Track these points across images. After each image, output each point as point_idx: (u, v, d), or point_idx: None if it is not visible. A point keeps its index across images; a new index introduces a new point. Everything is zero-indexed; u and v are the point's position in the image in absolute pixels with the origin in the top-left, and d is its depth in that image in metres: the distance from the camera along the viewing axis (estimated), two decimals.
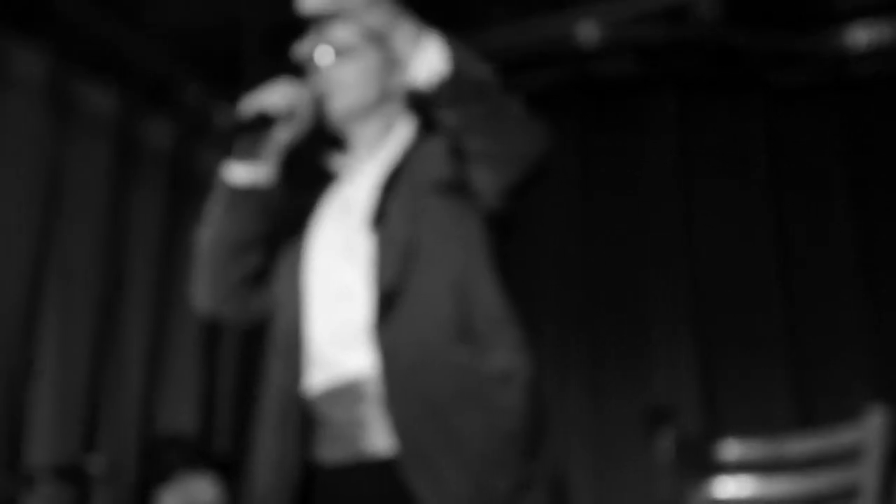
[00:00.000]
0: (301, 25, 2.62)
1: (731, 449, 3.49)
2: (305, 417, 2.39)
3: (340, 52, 2.55)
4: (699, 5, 5.34)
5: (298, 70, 2.65)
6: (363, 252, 2.40)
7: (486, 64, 2.28)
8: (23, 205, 4.57)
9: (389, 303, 2.31)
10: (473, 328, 2.31)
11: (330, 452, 2.36)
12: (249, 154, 2.53)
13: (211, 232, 2.60)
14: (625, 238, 5.56)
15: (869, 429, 3.28)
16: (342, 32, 2.55)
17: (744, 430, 4.86)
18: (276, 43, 5.73)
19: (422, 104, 2.45)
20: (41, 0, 4.75)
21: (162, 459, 4.46)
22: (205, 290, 2.61)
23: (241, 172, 2.55)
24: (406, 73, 2.26)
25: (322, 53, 2.55)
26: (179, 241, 5.28)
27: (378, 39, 2.44)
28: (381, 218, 2.39)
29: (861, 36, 5.35)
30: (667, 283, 5.44)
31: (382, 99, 2.58)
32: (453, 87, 2.21)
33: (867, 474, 3.27)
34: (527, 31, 5.60)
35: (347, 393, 2.35)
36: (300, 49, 2.61)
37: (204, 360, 5.32)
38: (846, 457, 3.33)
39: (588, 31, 5.48)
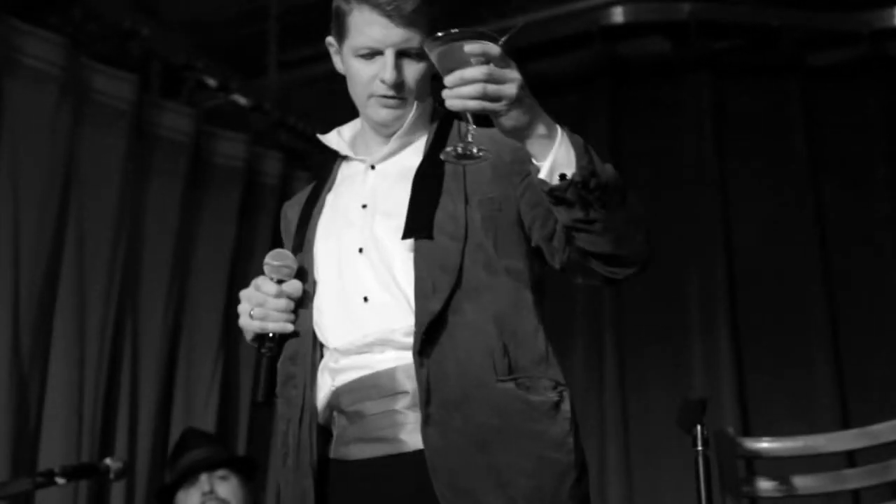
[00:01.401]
0: (320, 12, 2.52)
1: (769, 444, 3.43)
2: (327, 417, 2.34)
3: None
4: None
5: (314, 62, 2.53)
6: (394, 261, 2.32)
7: (609, 165, 2.16)
8: (39, 194, 4.50)
9: (434, 330, 2.23)
10: (517, 363, 2.25)
11: (361, 449, 2.30)
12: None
13: None
14: (658, 226, 5.41)
15: None
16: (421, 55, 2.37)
17: (782, 425, 4.77)
18: (295, 30, 5.74)
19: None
20: None
21: (184, 459, 4.39)
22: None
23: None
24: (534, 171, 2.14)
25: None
26: (197, 233, 5.22)
27: None
28: (423, 230, 2.30)
29: None
30: (703, 273, 5.35)
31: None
32: (579, 189, 2.09)
33: None
34: (555, 12, 5.52)
35: (378, 386, 2.29)
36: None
37: (223, 358, 5.22)
38: (886, 453, 3.27)
39: (618, 12, 5.40)
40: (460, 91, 2.04)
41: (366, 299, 2.32)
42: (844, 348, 5.10)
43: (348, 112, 2.58)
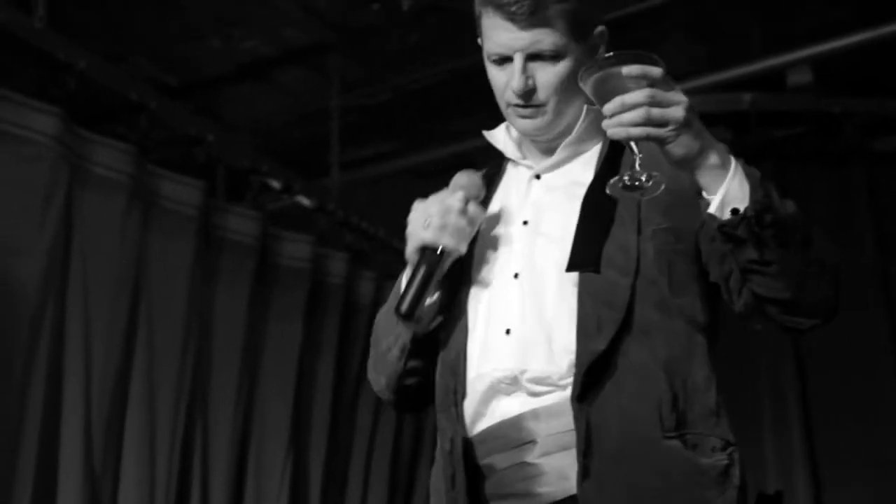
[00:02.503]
0: (380, 113, 2.51)
1: None
2: (472, 473, 2.12)
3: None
4: (792, 74, 5.25)
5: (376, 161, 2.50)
6: (546, 291, 2.12)
7: (790, 201, 1.98)
8: (109, 299, 4.55)
9: (596, 373, 2.02)
10: (685, 417, 2.03)
11: None
12: (421, 294, 2.19)
13: (384, 348, 2.33)
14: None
15: None
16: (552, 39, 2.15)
17: None
18: (356, 131, 5.81)
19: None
20: (123, 97, 4.78)
21: None
22: (381, 384, 2.38)
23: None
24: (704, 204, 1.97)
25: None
26: (264, 334, 5.24)
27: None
28: (589, 263, 2.08)
29: None
30: (771, 365, 5.27)
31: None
32: (753, 226, 1.90)
33: None
34: None
35: (504, 437, 2.10)
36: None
37: (292, 459, 5.22)
38: None
39: None
40: (622, 118, 1.89)
41: (508, 332, 2.13)
42: None
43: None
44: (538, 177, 2.27)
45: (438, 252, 2.17)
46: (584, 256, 2.08)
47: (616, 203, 2.09)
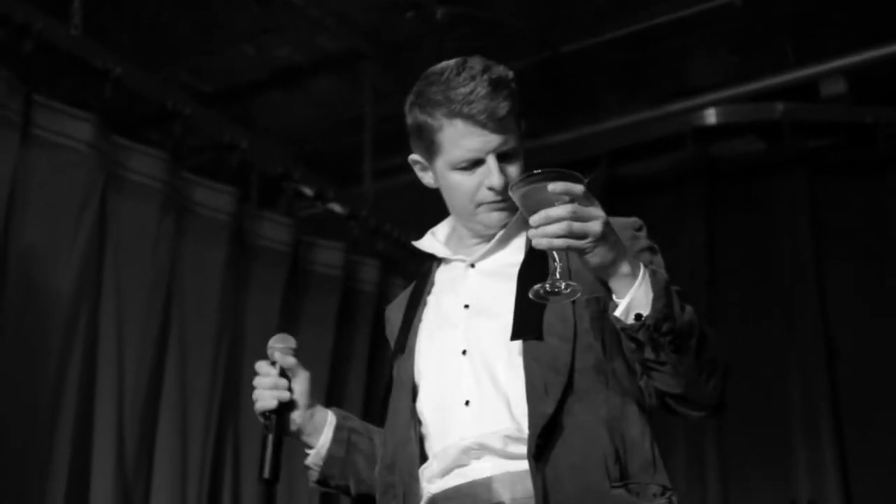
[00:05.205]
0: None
1: None
2: None
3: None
4: (825, 84, 5.24)
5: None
6: (496, 363, 2.27)
7: (689, 308, 2.15)
8: (142, 305, 4.58)
9: (548, 433, 2.18)
10: (627, 468, 2.19)
11: None
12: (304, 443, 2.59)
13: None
14: (756, 326, 5.37)
15: None
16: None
17: None
18: (390, 139, 5.83)
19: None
20: (158, 104, 4.82)
21: None
22: None
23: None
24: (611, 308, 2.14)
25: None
26: (296, 341, 5.25)
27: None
28: (532, 331, 2.25)
29: None
30: (803, 372, 5.25)
31: None
32: (651, 332, 2.08)
33: None
34: (648, 115, 5.55)
35: (473, 496, 2.22)
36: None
37: None
38: None
39: (711, 113, 5.40)
40: (546, 230, 2.04)
41: (467, 403, 2.27)
42: None
43: (441, 218, 2.57)
44: (473, 266, 2.43)
45: (269, 415, 2.48)
46: (526, 325, 2.25)
47: (549, 276, 2.20)
